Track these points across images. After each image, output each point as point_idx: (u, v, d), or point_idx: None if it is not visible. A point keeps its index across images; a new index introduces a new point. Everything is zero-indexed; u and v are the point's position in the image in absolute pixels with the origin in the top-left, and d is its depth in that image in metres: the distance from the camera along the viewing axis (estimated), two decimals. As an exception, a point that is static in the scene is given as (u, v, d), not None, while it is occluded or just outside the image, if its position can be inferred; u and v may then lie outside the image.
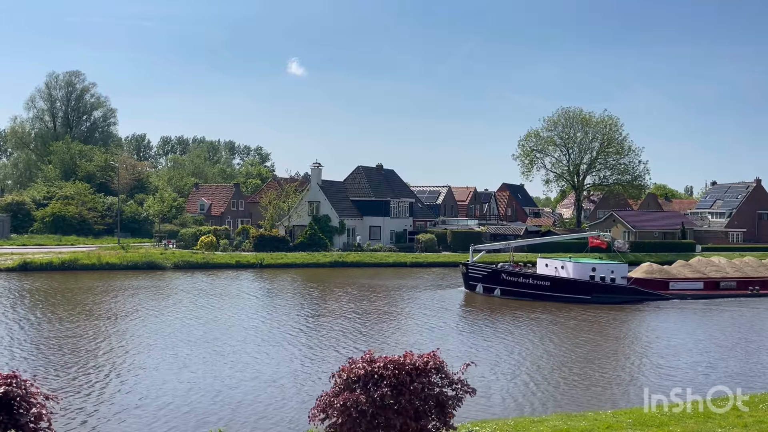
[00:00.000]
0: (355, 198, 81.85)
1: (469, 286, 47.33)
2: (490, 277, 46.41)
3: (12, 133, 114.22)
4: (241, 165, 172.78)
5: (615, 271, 45.52)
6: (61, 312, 35.61)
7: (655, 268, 50.11)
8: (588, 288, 44.27)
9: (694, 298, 45.89)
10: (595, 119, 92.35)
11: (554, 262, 47.30)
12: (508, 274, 46.03)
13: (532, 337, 32.04)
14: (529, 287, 44.95)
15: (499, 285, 45.76)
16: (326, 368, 23.04)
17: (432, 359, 10.73)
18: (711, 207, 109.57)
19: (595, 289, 44.27)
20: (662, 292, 46.15)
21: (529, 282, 45.19)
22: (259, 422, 18.59)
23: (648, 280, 47.49)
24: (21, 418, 9.10)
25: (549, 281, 45.11)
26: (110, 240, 75.35)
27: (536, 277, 45.45)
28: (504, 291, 45.37)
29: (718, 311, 41.66)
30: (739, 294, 47.71)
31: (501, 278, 45.96)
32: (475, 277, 47.02)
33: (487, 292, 45.93)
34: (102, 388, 21.52)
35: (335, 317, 36.08)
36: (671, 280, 48.08)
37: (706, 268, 51.12)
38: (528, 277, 45.42)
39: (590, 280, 44.63)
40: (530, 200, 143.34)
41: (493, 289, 45.71)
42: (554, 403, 20.68)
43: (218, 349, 27.65)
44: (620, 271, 45.81)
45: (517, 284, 45.31)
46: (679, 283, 47.84)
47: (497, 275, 46.20)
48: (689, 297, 45.91)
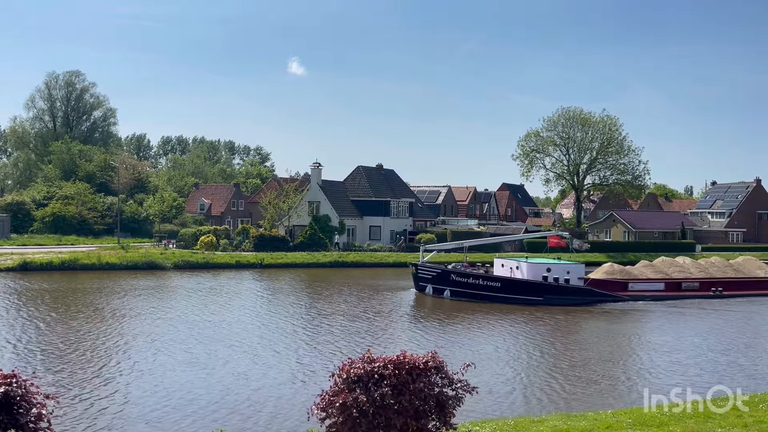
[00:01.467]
0: (355, 198, 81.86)
1: (419, 287, 45.87)
2: (440, 278, 44.88)
3: (12, 133, 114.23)
4: (241, 165, 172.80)
5: (571, 271, 44.25)
6: (60, 312, 35.62)
7: (616, 268, 48.88)
8: (540, 289, 42.89)
9: (653, 299, 44.57)
10: (594, 119, 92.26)
11: (510, 262, 46.05)
12: (458, 275, 44.44)
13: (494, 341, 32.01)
14: (479, 288, 43.42)
15: (448, 286, 44.24)
16: (326, 368, 23.04)
17: (432, 359, 10.74)
18: (711, 207, 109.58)
19: (548, 290, 42.91)
20: (620, 294, 44.74)
21: (478, 283, 43.65)
22: (259, 422, 18.60)
23: (606, 281, 46.11)
24: (21, 418, 9.10)
25: (499, 282, 43.79)
26: (110, 240, 75.34)
27: (486, 278, 44.07)
28: (453, 292, 43.83)
29: (669, 313, 40.28)
30: (701, 295, 46.25)
31: (450, 279, 44.38)
32: (425, 277, 45.51)
33: (436, 293, 44.46)
34: (102, 388, 21.51)
35: (335, 317, 36.08)
36: (630, 281, 46.59)
37: (670, 268, 49.79)
38: (478, 278, 43.90)
39: (543, 281, 43.27)
40: (530, 200, 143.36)
41: (443, 291, 44.23)
42: (554, 403, 20.69)
43: (218, 349, 27.65)
44: (576, 272, 44.49)
45: (466, 285, 43.76)
46: (638, 284, 46.30)
47: (446, 276, 44.64)
48: (648, 298, 44.62)
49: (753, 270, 52.26)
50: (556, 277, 43.43)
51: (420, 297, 44.70)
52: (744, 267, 52.57)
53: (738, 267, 52.24)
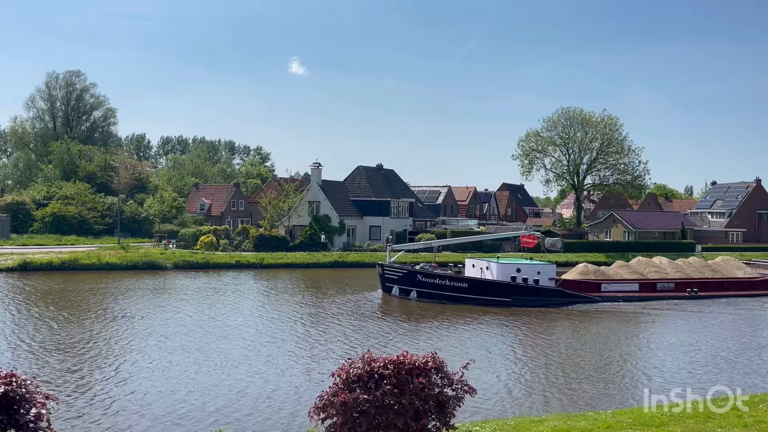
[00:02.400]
0: (355, 198, 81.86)
1: (385, 288, 44.81)
2: (406, 278, 43.74)
3: (12, 133, 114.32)
4: (241, 165, 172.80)
5: (541, 272, 43.28)
6: (60, 312, 35.61)
7: (590, 269, 47.63)
8: (508, 290, 41.83)
9: (626, 300, 43.68)
10: (595, 119, 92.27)
11: (480, 263, 45.01)
12: (425, 276, 43.26)
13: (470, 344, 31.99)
14: (446, 289, 42.28)
15: (415, 287, 43.15)
16: (326, 368, 23.04)
17: (432, 359, 10.74)
18: (711, 207, 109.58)
19: (516, 291, 41.87)
20: (592, 295, 43.70)
21: (445, 284, 42.51)
22: (259, 422, 18.59)
23: (579, 282, 44.98)
24: (21, 418, 9.09)
25: (466, 283, 42.73)
26: (110, 240, 75.36)
27: (453, 279, 43.02)
28: (420, 293, 42.75)
29: (637, 315, 39.21)
30: (677, 296, 45.30)
31: (417, 280, 43.25)
32: (391, 278, 44.37)
33: (403, 294, 43.42)
34: (102, 388, 21.52)
35: (335, 317, 36.08)
36: (604, 281, 45.55)
37: (645, 269, 48.72)
38: (445, 279, 42.82)
39: (511, 281, 42.21)
40: (530, 200, 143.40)
41: (410, 291, 43.18)
42: (554, 403, 20.69)
43: (218, 350, 27.65)
44: (547, 272, 43.56)
45: (433, 286, 42.63)
46: (612, 285, 45.28)
47: (413, 277, 43.56)
48: (620, 299, 43.65)
49: (731, 270, 51.14)
50: (525, 278, 42.40)
51: (386, 298, 43.60)
52: (722, 267, 51.44)
53: (716, 267, 51.20)
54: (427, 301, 41.91)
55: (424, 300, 42.20)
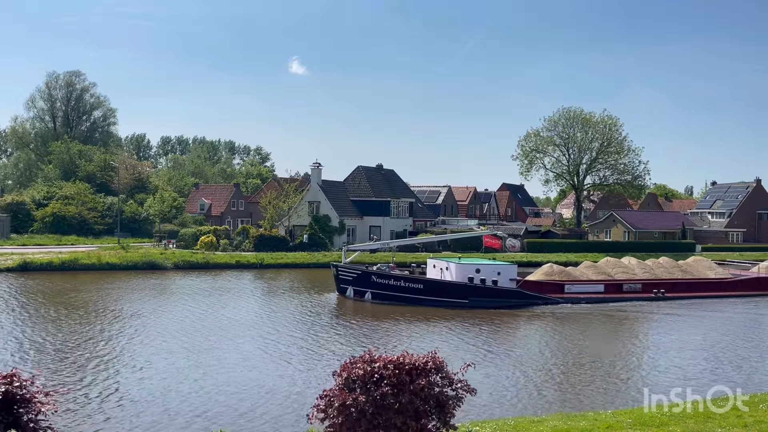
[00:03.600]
0: (355, 198, 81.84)
1: (340, 289, 43.51)
2: (361, 279, 42.50)
3: (12, 133, 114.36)
4: (241, 165, 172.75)
5: (502, 272, 42.00)
6: (60, 312, 35.62)
7: (555, 269, 46.40)
8: (465, 291, 40.58)
9: (590, 301, 42.39)
10: (595, 119, 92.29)
11: (441, 263, 43.89)
12: (379, 276, 42.05)
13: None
14: (401, 290, 41.14)
15: (369, 288, 41.88)
16: (326, 368, 23.04)
17: (432, 359, 10.74)
18: (711, 207, 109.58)
19: (473, 292, 40.54)
20: (554, 296, 42.51)
21: (400, 285, 41.33)
22: (259, 422, 18.59)
23: (541, 283, 43.88)
24: (21, 417, 9.11)
25: (422, 284, 41.57)
26: (110, 240, 75.34)
27: (408, 280, 41.76)
28: (375, 295, 41.49)
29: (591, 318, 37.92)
30: (643, 297, 44.21)
31: (372, 281, 42.01)
32: (346, 279, 43.12)
33: (357, 295, 42.18)
34: (102, 388, 21.53)
35: (335, 317, 36.08)
36: (568, 282, 44.31)
37: (613, 269, 47.71)
38: (399, 280, 41.61)
39: (468, 282, 40.88)
40: (530, 200, 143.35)
41: (364, 293, 41.93)
42: (554, 403, 20.68)
43: (218, 350, 27.66)
44: (508, 273, 42.30)
45: (388, 287, 41.43)
46: (575, 286, 44.05)
47: (367, 277, 42.28)
48: (583, 300, 42.42)
49: (702, 271, 50.30)
50: (483, 279, 41.06)
51: (341, 300, 42.36)
52: (693, 268, 50.62)
53: (687, 268, 50.41)
54: (381, 303, 40.63)
55: (379, 301, 40.92)
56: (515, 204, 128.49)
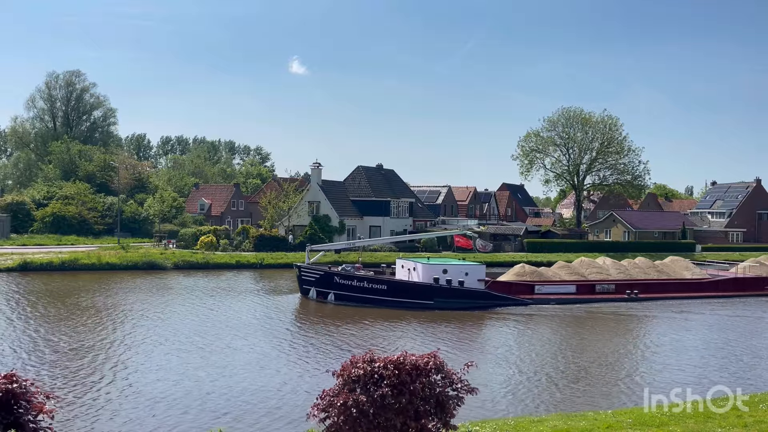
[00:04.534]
0: (355, 198, 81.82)
1: (303, 290, 42.54)
2: (323, 280, 41.51)
3: (12, 133, 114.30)
4: (241, 165, 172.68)
5: (469, 273, 40.95)
6: (61, 312, 35.62)
7: (527, 269, 45.65)
8: (430, 292, 39.76)
9: (560, 302, 41.60)
10: (595, 119, 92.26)
11: (409, 263, 42.86)
12: (342, 277, 41.03)
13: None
14: (365, 291, 40.19)
15: (332, 289, 40.88)
16: (325, 368, 23.02)
17: (432, 359, 10.73)
18: (711, 207, 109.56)
19: (438, 293, 39.75)
20: (522, 297, 41.73)
21: (363, 286, 40.38)
22: (258, 422, 18.60)
23: (510, 284, 43.10)
24: (21, 417, 9.11)
25: (386, 285, 40.58)
26: (110, 240, 75.32)
27: (372, 281, 40.72)
28: (338, 296, 40.55)
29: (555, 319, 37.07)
30: (615, 298, 43.40)
31: (334, 282, 41.06)
32: (308, 280, 42.10)
33: (320, 297, 41.21)
34: (102, 388, 21.53)
35: (334, 317, 36.08)
36: (538, 283, 43.61)
37: (587, 269, 46.96)
38: (363, 281, 40.62)
39: (433, 283, 40.00)
40: (530, 200, 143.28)
41: (327, 294, 40.98)
42: (554, 403, 20.69)
43: (218, 350, 27.67)
44: (475, 274, 41.26)
45: (351, 288, 40.46)
46: (546, 287, 43.25)
47: (330, 278, 41.29)
48: (553, 302, 41.62)
49: (679, 271, 49.97)
50: (449, 279, 40.15)
51: (303, 302, 41.35)
52: (670, 268, 50.21)
53: (663, 268, 49.84)
54: (345, 304, 39.72)
55: (342, 303, 40.01)
56: (515, 204, 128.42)
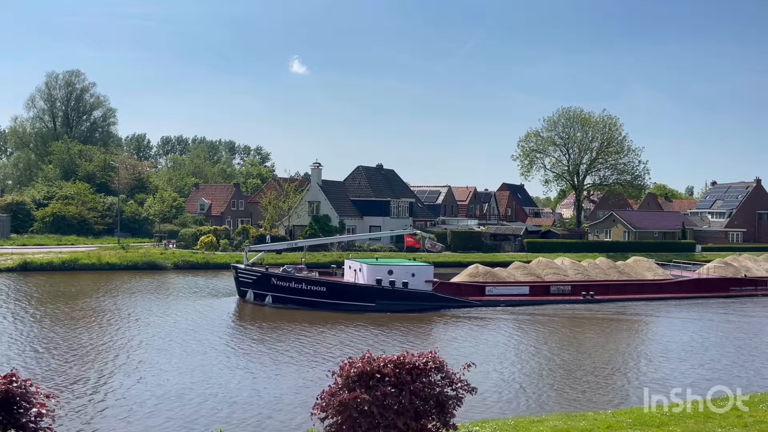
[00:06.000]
0: (355, 198, 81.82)
1: (240, 292, 41.14)
2: (260, 281, 40.17)
3: (12, 133, 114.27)
4: (241, 165, 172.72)
5: (416, 274, 39.82)
6: (61, 312, 35.62)
7: (480, 270, 44.35)
8: (371, 294, 38.59)
9: (511, 304, 40.44)
10: (594, 119, 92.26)
11: (355, 264, 41.67)
12: (279, 279, 39.83)
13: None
14: (304, 294, 39.05)
15: (270, 291, 39.62)
16: (325, 368, 23.03)
17: (432, 359, 10.73)
18: (711, 207, 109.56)
19: (380, 295, 38.53)
20: (471, 299, 40.62)
21: (302, 288, 39.23)
22: (258, 422, 18.59)
23: (459, 285, 42.00)
24: (21, 418, 9.10)
25: (324, 286, 39.40)
26: (110, 240, 75.32)
27: (310, 282, 39.54)
28: (276, 298, 39.29)
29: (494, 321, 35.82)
30: (570, 300, 42.28)
31: (272, 283, 39.82)
32: (245, 282, 40.78)
33: (258, 299, 39.85)
34: (102, 388, 21.52)
35: (334, 317, 36.07)
36: (489, 284, 42.46)
37: (544, 270, 45.79)
38: (301, 282, 39.42)
39: (375, 285, 38.76)
40: (530, 200, 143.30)
41: (265, 296, 39.66)
42: (554, 403, 20.69)
43: (218, 350, 27.67)
44: (423, 275, 40.12)
45: (289, 290, 39.25)
46: (497, 288, 42.12)
47: (267, 280, 40.04)
48: (503, 303, 40.50)
49: (641, 271, 48.79)
50: (392, 281, 38.92)
51: (240, 305, 39.89)
52: (631, 269, 49.09)
53: (624, 269, 48.75)
54: (282, 307, 38.46)
55: (280, 306, 38.75)
56: (515, 204, 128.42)
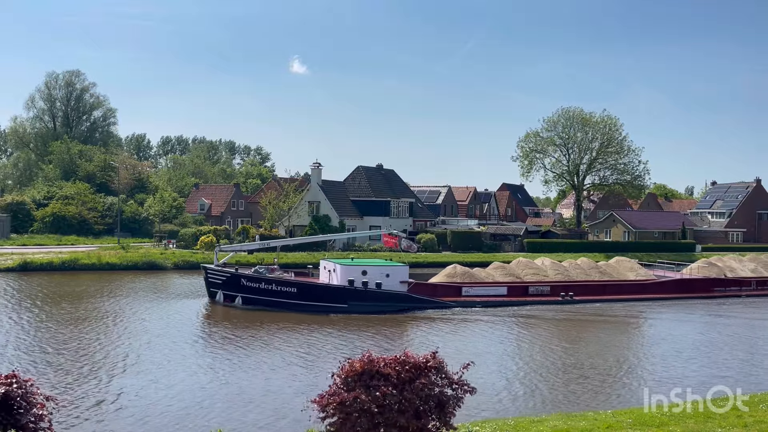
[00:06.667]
0: (355, 198, 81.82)
1: (210, 293, 40.31)
2: (230, 282, 39.44)
3: (12, 133, 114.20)
4: (241, 165, 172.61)
5: (391, 274, 39.14)
6: (60, 312, 35.61)
7: (458, 270, 43.29)
8: (344, 295, 38.03)
9: (488, 305, 39.71)
10: (594, 119, 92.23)
11: (330, 264, 40.95)
12: (249, 280, 39.08)
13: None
14: (274, 295, 38.36)
15: (240, 293, 38.92)
16: (326, 368, 23.04)
17: (432, 359, 10.74)
18: (711, 207, 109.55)
19: (353, 296, 37.93)
20: (447, 299, 39.88)
21: (272, 289, 38.52)
22: (258, 422, 18.60)
23: (435, 286, 41.31)
24: (21, 418, 9.11)
25: (295, 287, 38.67)
26: (110, 240, 75.30)
27: (281, 283, 38.83)
28: (246, 299, 38.61)
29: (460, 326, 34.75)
30: (549, 300, 41.77)
31: (242, 284, 39.10)
32: (215, 283, 40.00)
33: (228, 300, 39.13)
34: (102, 389, 21.53)
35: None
36: (466, 285, 41.65)
37: (524, 270, 45.03)
38: (271, 283, 38.66)
39: (348, 285, 38.15)
40: (530, 200, 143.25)
41: (234, 297, 38.96)
42: (554, 403, 20.69)
43: (218, 350, 27.67)
44: (398, 275, 39.47)
45: (260, 291, 38.57)
46: (474, 289, 41.43)
47: (237, 281, 39.33)
48: (479, 304, 39.79)
49: (623, 272, 48.10)
50: (365, 282, 38.25)
51: (212, 306, 39.02)
52: (613, 269, 48.43)
53: (606, 269, 48.07)
54: (252, 308, 37.80)
55: (250, 307, 38.04)
56: (515, 204, 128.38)
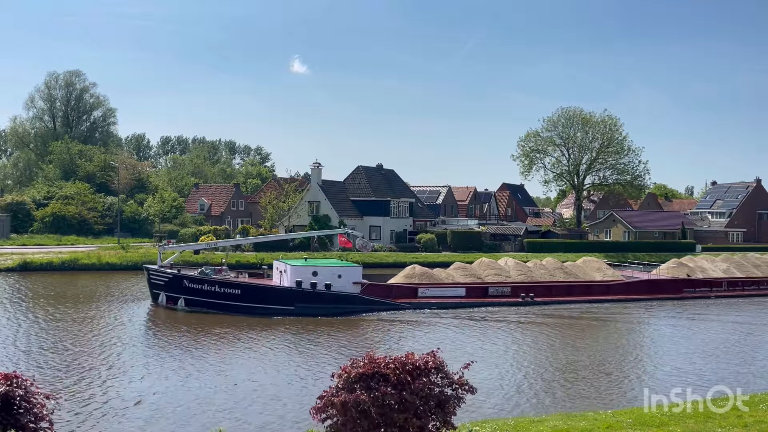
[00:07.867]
0: (355, 198, 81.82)
1: (153, 295, 39.22)
2: (172, 284, 38.28)
3: (12, 133, 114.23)
4: (241, 165, 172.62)
5: (343, 275, 38.34)
6: (60, 312, 35.61)
7: (417, 271, 42.21)
8: (290, 297, 37.14)
9: (443, 307, 38.85)
10: (595, 119, 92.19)
11: (282, 265, 40.01)
12: (192, 281, 38.08)
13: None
14: (218, 297, 37.39)
15: (182, 294, 37.82)
16: (326, 368, 23.04)
17: (432, 359, 10.74)
18: (711, 207, 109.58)
19: (300, 298, 37.04)
20: (401, 301, 39.00)
21: (215, 290, 37.57)
22: (258, 422, 18.60)
23: (389, 287, 40.29)
24: (21, 418, 9.11)
25: (239, 289, 37.78)
26: (110, 240, 75.33)
27: (224, 285, 37.90)
28: (188, 301, 37.57)
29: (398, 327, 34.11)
30: (508, 302, 40.81)
31: (184, 286, 38.03)
32: (158, 284, 38.79)
33: (171, 302, 38.02)
34: (102, 388, 21.53)
35: (333, 318, 36.07)
36: (422, 286, 40.68)
37: (485, 271, 43.86)
38: (214, 285, 37.73)
39: (295, 287, 37.25)
40: (530, 200, 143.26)
41: (177, 299, 37.85)
42: (554, 403, 20.70)
43: (218, 350, 27.68)
44: (350, 276, 38.66)
45: (203, 293, 37.58)
46: (430, 290, 40.48)
47: (179, 282, 38.17)
48: (435, 306, 38.95)
49: (590, 272, 46.90)
50: (314, 283, 37.41)
51: (153, 309, 37.94)
52: (580, 269, 47.24)
53: (572, 269, 46.78)
54: (195, 311, 36.86)
55: (193, 309, 37.06)
56: (515, 204, 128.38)
